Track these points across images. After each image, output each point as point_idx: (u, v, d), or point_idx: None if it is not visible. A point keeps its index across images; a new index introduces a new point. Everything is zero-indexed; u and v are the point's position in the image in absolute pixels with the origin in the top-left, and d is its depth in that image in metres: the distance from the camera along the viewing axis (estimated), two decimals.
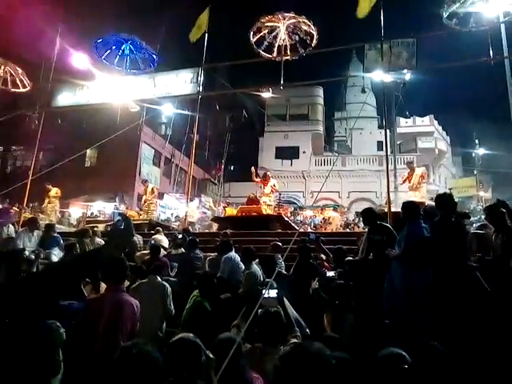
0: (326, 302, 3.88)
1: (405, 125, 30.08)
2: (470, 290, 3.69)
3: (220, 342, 2.38)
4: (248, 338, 2.71)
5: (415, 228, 4.06)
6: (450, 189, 18.95)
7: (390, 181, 10.06)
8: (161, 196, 23.04)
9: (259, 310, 2.73)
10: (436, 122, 30.85)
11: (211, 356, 1.93)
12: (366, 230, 5.23)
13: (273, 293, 3.00)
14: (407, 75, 13.61)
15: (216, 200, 24.45)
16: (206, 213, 20.19)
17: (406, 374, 1.90)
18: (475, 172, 26.90)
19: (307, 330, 3.81)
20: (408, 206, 4.50)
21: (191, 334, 2.02)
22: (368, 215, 5.12)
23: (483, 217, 5.87)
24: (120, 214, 7.56)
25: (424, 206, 5.22)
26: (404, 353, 1.96)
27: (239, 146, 29.23)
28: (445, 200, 4.26)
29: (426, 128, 30.03)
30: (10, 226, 7.13)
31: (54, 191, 13.10)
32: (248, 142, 29.75)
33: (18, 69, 12.46)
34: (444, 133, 32.04)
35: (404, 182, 11.32)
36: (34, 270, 5.60)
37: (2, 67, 12.30)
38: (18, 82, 12.58)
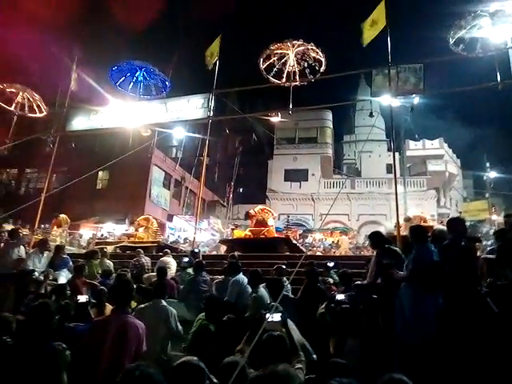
0: (331, 326, 3.82)
1: (414, 148, 30.07)
2: (480, 316, 3.61)
3: (225, 366, 2.36)
4: (252, 363, 2.67)
5: (423, 251, 4.02)
6: (461, 212, 18.70)
7: (399, 204, 9.98)
8: (170, 218, 23.24)
9: (263, 335, 2.70)
10: (446, 145, 30.80)
11: (215, 381, 1.91)
12: (374, 253, 5.18)
13: (277, 316, 2.97)
14: (416, 99, 13.71)
15: (225, 222, 24.49)
16: (214, 235, 20.19)
17: None
18: (487, 195, 26.56)
19: (314, 356, 3.75)
20: (416, 229, 4.48)
21: (195, 358, 2.00)
22: (376, 238, 5.07)
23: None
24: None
25: (433, 230, 5.17)
26: (405, 378, 1.91)
27: (248, 169, 29.46)
28: (455, 224, 4.24)
29: (435, 151, 29.98)
30: (21, 247, 7.22)
31: (65, 220, 13.28)
32: (257, 165, 29.98)
33: (35, 95, 12.91)
34: (454, 156, 31.91)
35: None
36: (43, 291, 5.64)
37: (21, 93, 12.77)
38: (35, 107, 13.02)
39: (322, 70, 11.21)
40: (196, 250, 7.44)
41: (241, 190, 30.10)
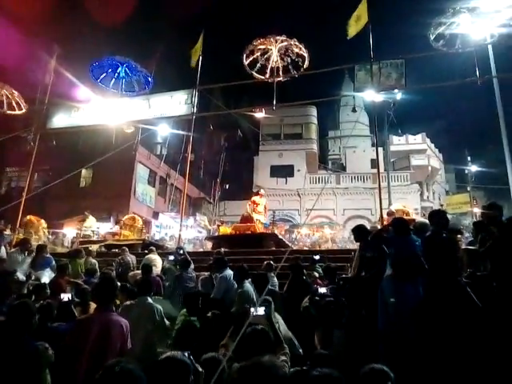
0: (316, 319, 3.86)
1: (398, 143, 30.48)
2: (460, 305, 3.70)
3: (204, 362, 2.38)
4: (237, 357, 2.68)
5: (405, 243, 4.10)
6: (443, 205, 19.07)
7: (383, 198, 10.14)
8: (156, 215, 23.06)
9: (247, 329, 2.71)
10: (428, 140, 31.30)
11: (200, 369, 1.92)
12: (358, 246, 5.25)
13: (261, 310, 2.99)
14: (398, 94, 13.92)
15: (211, 219, 24.42)
16: (200, 232, 20.12)
17: None
18: (468, 188, 27.13)
19: (300, 350, 3.79)
20: (398, 222, 4.56)
21: (179, 353, 2.00)
22: (359, 232, 5.15)
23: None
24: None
25: (414, 223, 5.27)
26: (386, 368, 1.95)
27: (234, 165, 29.42)
28: (436, 216, 4.33)
29: (418, 146, 30.45)
30: (2, 247, 7.07)
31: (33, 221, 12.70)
32: (243, 161, 29.97)
33: (14, 91, 12.60)
34: (436, 150, 32.46)
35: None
36: (25, 292, 5.54)
37: None
38: (14, 104, 12.70)
39: (305, 66, 11.26)
40: (181, 247, 7.41)
41: (227, 186, 30.03)
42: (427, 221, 4.57)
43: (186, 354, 1.87)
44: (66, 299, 3.86)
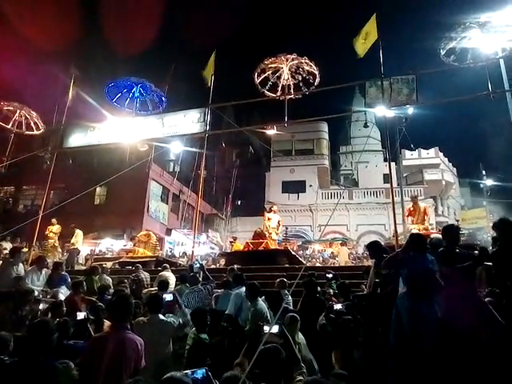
0: (334, 337, 3.80)
1: (410, 157, 30.28)
2: (482, 323, 3.61)
3: (225, 381, 2.35)
4: (252, 377, 2.66)
5: (420, 260, 4.03)
6: (458, 220, 18.77)
7: (396, 213, 10.04)
8: (169, 232, 23.18)
9: (261, 347, 2.69)
10: (441, 154, 31.03)
11: None
12: (373, 263, 5.19)
13: (275, 328, 2.96)
14: (410, 109, 13.91)
15: (223, 235, 24.43)
16: (213, 248, 20.12)
17: None
18: (484, 203, 26.66)
19: (318, 375, 3.72)
20: (415, 238, 4.49)
21: (180, 373, 2.00)
22: (374, 249, 5.09)
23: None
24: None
25: (430, 239, 5.19)
26: None
27: (246, 182, 29.53)
28: (447, 231, 4.28)
29: (431, 160, 30.20)
30: (20, 264, 7.18)
31: (56, 228, 13.20)
32: (255, 178, 30.07)
33: (32, 112, 13.02)
34: (450, 164, 32.12)
35: (408, 216, 11.49)
36: (40, 308, 5.61)
37: (18, 111, 12.87)
38: (33, 124, 13.11)
39: (316, 83, 11.38)
40: (197, 265, 7.43)
41: (239, 202, 30.11)
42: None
43: (204, 371, 1.88)
44: (81, 317, 3.89)
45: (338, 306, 4.24)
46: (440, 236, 4.91)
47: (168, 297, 3.55)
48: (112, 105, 12.87)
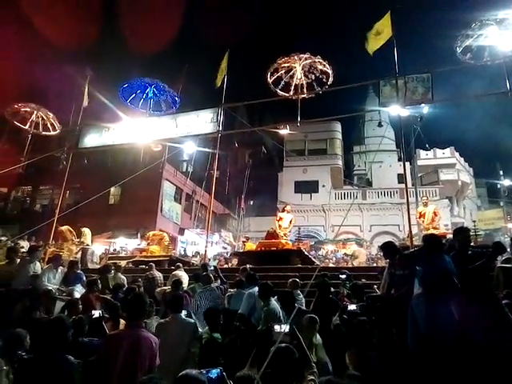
0: (348, 338, 3.77)
1: (425, 157, 29.85)
2: (499, 327, 3.53)
3: (239, 380, 2.35)
4: (263, 376, 2.65)
5: (436, 261, 3.97)
6: (475, 221, 18.39)
7: (411, 214, 9.92)
8: (181, 232, 23.32)
9: (272, 347, 2.68)
10: (457, 154, 30.51)
11: None
12: (388, 264, 5.12)
13: (285, 328, 2.95)
14: (425, 108, 13.72)
15: (236, 235, 24.47)
16: (225, 248, 20.16)
17: None
18: (501, 203, 26.12)
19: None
20: (430, 238, 4.42)
21: (195, 371, 2.00)
22: (388, 249, 5.03)
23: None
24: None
25: (446, 240, 5.11)
26: None
27: (259, 182, 29.51)
28: (461, 233, 4.22)
29: (447, 160, 29.72)
30: (37, 263, 7.32)
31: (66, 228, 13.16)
32: (267, 178, 30.03)
33: (49, 113, 13.27)
34: (466, 164, 31.56)
35: (420, 218, 11.56)
36: (56, 307, 5.71)
37: (35, 112, 13.13)
38: (49, 125, 13.35)
39: (329, 82, 11.31)
40: (211, 267, 7.48)
41: (251, 202, 30.12)
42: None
43: (218, 371, 1.88)
44: (96, 315, 3.94)
45: (352, 307, 4.20)
46: None
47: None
48: (126, 105, 13.03)
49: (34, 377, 2.41)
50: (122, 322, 4.51)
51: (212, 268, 7.33)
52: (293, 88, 11.62)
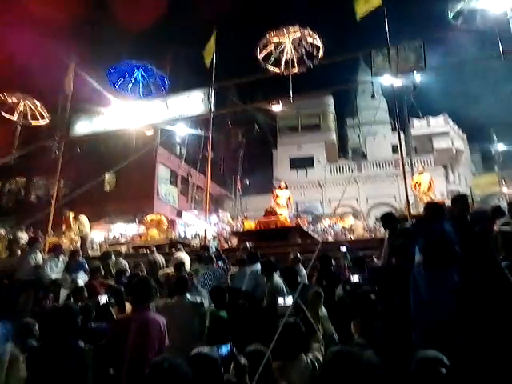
0: (353, 309, 3.83)
1: (419, 126, 29.73)
2: (503, 290, 3.58)
3: (250, 354, 2.39)
4: (271, 350, 2.70)
5: (436, 229, 4.00)
6: (470, 187, 18.59)
7: (407, 184, 9.97)
8: (179, 214, 23.37)
9: (278, 320, 2.73)
10: (451, 121, 30.39)
11: (243, 362, 1.94)
12: (387, 234, 5.17)
13: (289, 300, 3.00)
14: (417, 77, 13.56)
15: (233, 215, 24.55)
16: (224, 228, 20.25)
17: (444, 377, 1.87)
18: (496, 169, 26.27)
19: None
20: (430, 206, 4.44)
21: (207, 348, 2.03)
22: (388, 219, 5.07)
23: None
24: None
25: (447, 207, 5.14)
26: (441, 355, 1.93)
27: (253, 160, 29.41)
28: (460, 201, 4.24)
29: (440, 128, 29.61)
30: (38, 253, 7.34)
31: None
32: (262, 156, 29.92)
33: (36, 102, 12.97)
34: (460, 131, 31.50)
35: (415, 187, 11.66)
36: (61, 295, 5.75)
37: (22, 102, 12.83)
38: (38, 115, 13.08)
39: (320, 55, 11.10)
40: (213, 249, 7.53)
41: (247, 181, 30.09)
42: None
43: (228, 346, 1.91)
44: (103, 301, 3.97)
45: (355, 278, 4.27)
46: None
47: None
48: (115, 90, 12.78)
49: (47, 363, 2.44)
50: (129, 306, 4.56)
51: (214, 250, 7.38)
52: (283, 63, 11.41)
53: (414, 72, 11.49)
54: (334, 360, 1.72)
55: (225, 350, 2.07)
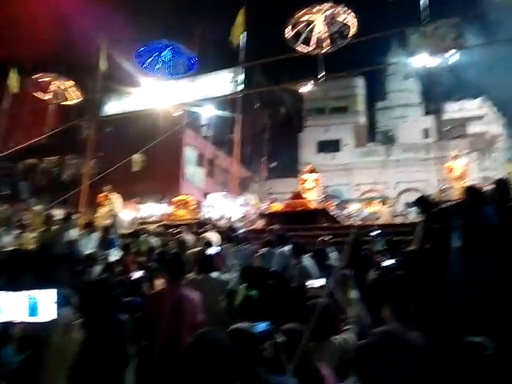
0: (385, 293, 3.77)
1: (453, 110, 28.55)
2: None
3: (287, 332, 2.38)
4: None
5: (478, 214, 3.84)
6: (508, 173, 17.70)
7: (438, 169, 9.65)
8: (205, 196, 23.59)
9: (307, 302, 2.73)
10: (488, 104, 28.98)
11: (279, 340, 1.93)
12: (422, 218, 5.02)
13: (319, 282, 2.98)
14: (453, 57, 12.94)
15: (259, 197, 24.56)
16: (250, 210, 20.28)
17: (489, 362, 1.84)
18: None
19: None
20: (471, 189, 4.27)
21: (246, 324, 2.02)
22: (423, 203, 4.92)
23: None
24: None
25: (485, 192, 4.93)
26: (485, 340, 1.89)
27: (279, 143, 29.13)
28: (499, 185, 4.07)
29: (476, 111, 28.34)
30: (72, 229, 7.58)
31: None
32: (287, 138, 29.59)
33: (68, 82, 13.24)
34: (497, 115, 30.03)
35: (449, 172, 11.22)
36: (95, 270, 5.94)
37: (54, 82, 13.13)
38: (69, 94, 13.37)
39: (352, 34, 10.71)
40: (240, 226, 7.59)
41: (272, 164, 29.93)
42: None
43: (266, 324, 1.90)
44: (138, 276, 4.07)
45: (387, 263, 4.18)
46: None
47: (213, 251, 3.60)
48: (144, 71, 12.84)
49: (88, 333, 2.53)
50: (158, 282, 4.66)
51: (241, 230, 7.44)
52: (313, 42, 11.09)
53: (451, 52, 10.95)
54: (380, 340, 1.68)
55: (263, 327, 2.05)
